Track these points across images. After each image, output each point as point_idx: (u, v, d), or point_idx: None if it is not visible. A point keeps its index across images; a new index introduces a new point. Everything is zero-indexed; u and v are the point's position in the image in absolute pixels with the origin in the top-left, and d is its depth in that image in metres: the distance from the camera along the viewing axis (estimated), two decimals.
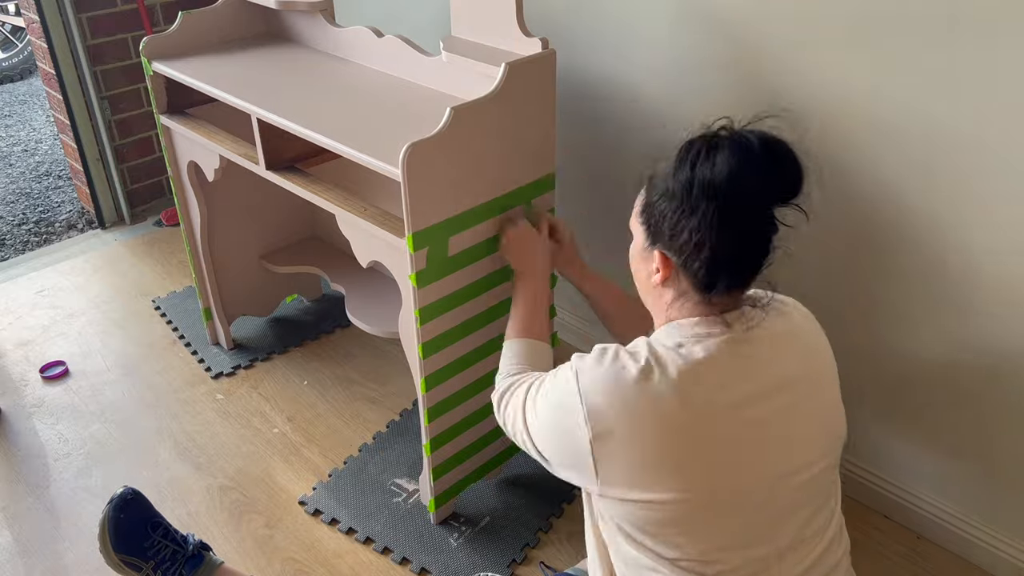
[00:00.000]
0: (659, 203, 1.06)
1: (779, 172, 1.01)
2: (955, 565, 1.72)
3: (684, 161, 1.03)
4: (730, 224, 1.01)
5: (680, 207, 1.03)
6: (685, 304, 1.09)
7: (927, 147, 1.47)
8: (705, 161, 1.01)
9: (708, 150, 1.02)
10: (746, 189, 1.00)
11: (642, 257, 1.12)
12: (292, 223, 2.40)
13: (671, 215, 1.04)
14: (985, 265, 1.49)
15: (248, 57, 2.03)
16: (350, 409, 2.16)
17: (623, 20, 1.84)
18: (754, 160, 1.00)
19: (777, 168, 1.01)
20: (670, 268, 1.07)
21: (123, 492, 1.63)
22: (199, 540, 1.66)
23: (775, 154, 1.01)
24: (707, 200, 1.00)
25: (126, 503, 1.61)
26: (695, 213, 1.01)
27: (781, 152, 1.02)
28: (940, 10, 1.37)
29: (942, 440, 1.68)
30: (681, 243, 1.04)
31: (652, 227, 1.08)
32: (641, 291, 1.16)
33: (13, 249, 3.00)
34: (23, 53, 4.83)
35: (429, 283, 1.52)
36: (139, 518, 1.62)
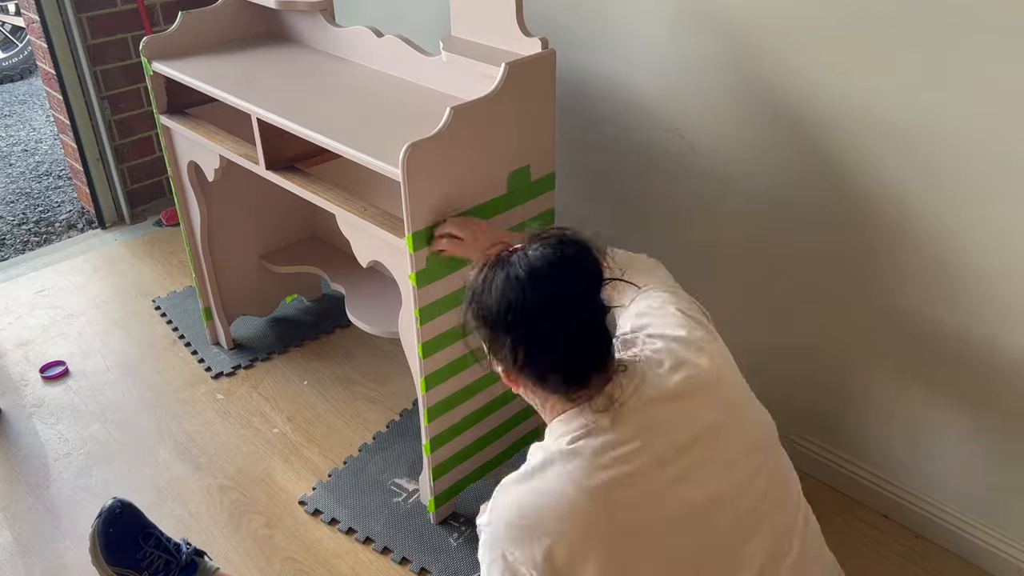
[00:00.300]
0: (475, 325, 1.09)
1: (556, 286, 1.03)
2: (955, 565, 1.72)
3: (481, 284, 1.07)
4: (535, 340, 1.03)
5: (484, 332, 1.07)
6: (554, 403, 1.09)
7: (927, 147, 1.47)
8: (482, 292, 1.05)
9: (484, 280, 1.06)
10: (528, 310, 1.02)
11: (495, 367, 1.12)
12: (292, 223, 2.40)
13: (486, 334, 1.07)
14: (985, 265, 1.49)
15: (248, 57, 2.03)
16: (350, 409, 2.16)
17: (623, 20, 1.84)
18: (525, 284, 1.02)
19: (552, 282, 1.03)
20: (513, 377, 1.09)
21: (112, 505, 1.61)
22: (193, 547, 1.65)
23: (545, 272, 1.03)
24: (497, 329, 1.04)
25: (114, 516, 1.60)
26: (498, 339, 1.05)
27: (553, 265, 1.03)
28: (941, 10, 1.37)
29: (941, 440, 1.68)
30: (506, 356, 1.06)
31: (484, 343, 1.10)
32: None
33: (13, 249, 3.00)
34: (23, 53, 4.83)
35: (429, 283, 1.52)
36: (130, 530, 1.60)
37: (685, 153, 1.85)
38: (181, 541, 1.67)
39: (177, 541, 1.66)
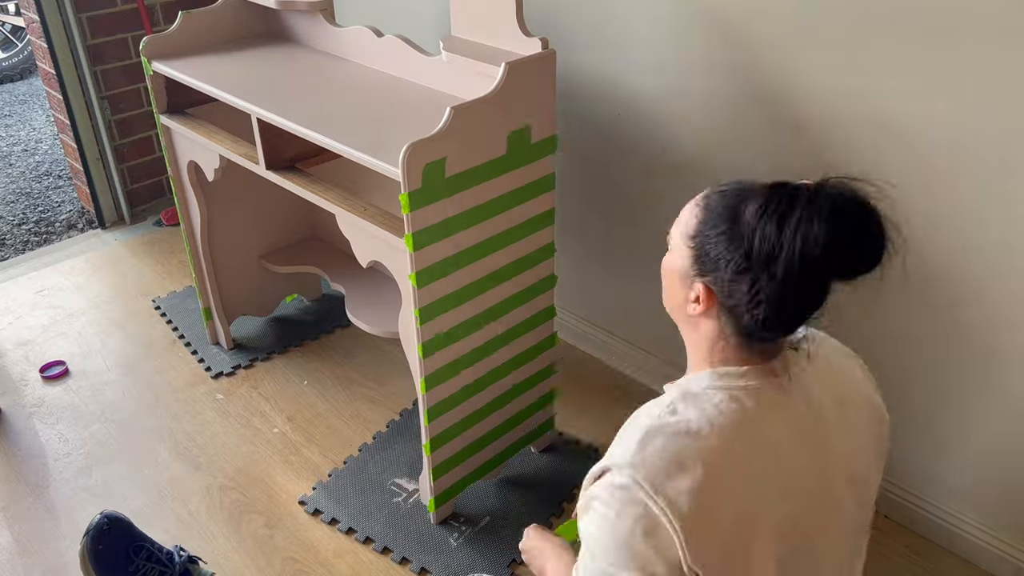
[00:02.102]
0: (719, 239, 0.96)
1: (872, 249, 0.92)
2: (955, 565, 1.72)
3: (769, 212, 0.92)
4: (801, 293, 0.93)
5: (749, 257, 0.93)
6: (726, 346, 1.01)
7: (927, 147, 1.47)
8: (798, 223, 0.90)
9: (803, 209, 0.90)
10: (834, 264, 0.91)
11: (680, 280, 1.03)
12: (292, 223, 2.40)
13: (734, 259, 0.94)
14: (984, 264, 1.49)
15: (248, 57, 2.03)
16: (350, 409, 2.16)
17: (623, 20, 1.84)
18: (852, 233, 0.90)
19: (872, 245, 0.92)
20: (713, 304, 0.99)
21: (99, 522, 1.59)
22: (187, 555, 1.64)
23: (873, 228, 0.92)
24: (786, 266, 0.90)
25: (102, 532, 1.58)
26: (764, 271, 0.92)
27: (879, 227, 0.92)
28: (941, 10, 1.37)
29: (942, 440, 1.68)
30: (737, 291, 0.95)
31: (703, 257, 0.98)
32: (671, 307, 1.08)
33: (13, 249, 3.00)
34: (23, 53, 4.83)
35: (429, 283, 1.52)
36: (120, 544, 1.58)
37: (684, 152, 1.85)
38: (174, 549, 1.65)
39: (170, 549, 1.64)
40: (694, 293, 1.01)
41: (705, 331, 1.03)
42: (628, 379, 2.23)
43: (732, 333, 1.00)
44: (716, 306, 0.99)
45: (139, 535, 1.63)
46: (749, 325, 0.98)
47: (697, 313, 1.01)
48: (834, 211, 0.89)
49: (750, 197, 0.96)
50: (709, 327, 1.02)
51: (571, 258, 2.21)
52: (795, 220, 0.90)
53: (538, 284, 1.75)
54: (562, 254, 2.10)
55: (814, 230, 0.89)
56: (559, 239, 2.02)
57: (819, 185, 0.92)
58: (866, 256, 0.92)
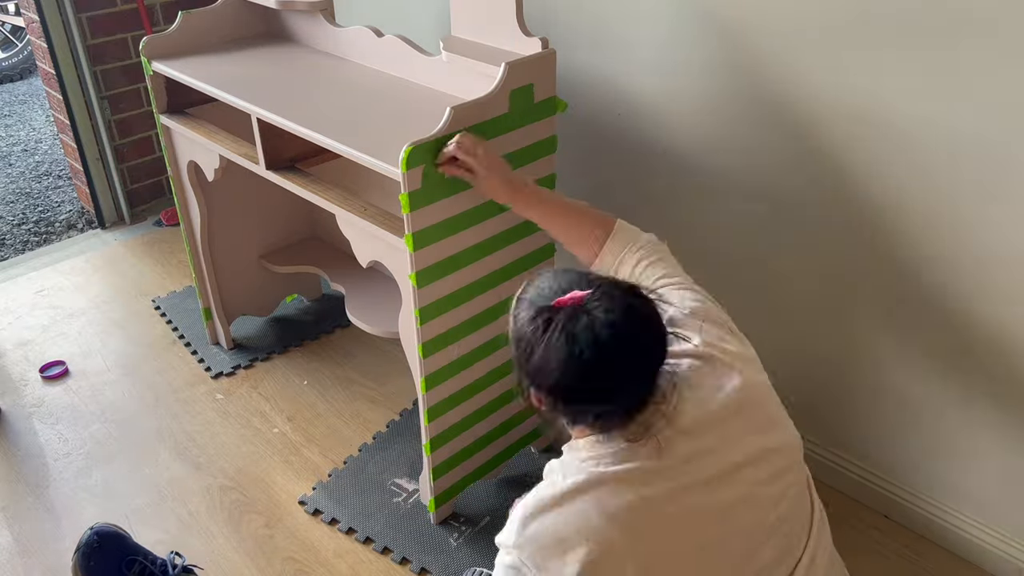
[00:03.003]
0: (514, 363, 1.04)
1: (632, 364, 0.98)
2: (955, 565, 1.72)
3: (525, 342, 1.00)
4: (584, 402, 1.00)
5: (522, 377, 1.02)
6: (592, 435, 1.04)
7: (927, 147, 1.47)
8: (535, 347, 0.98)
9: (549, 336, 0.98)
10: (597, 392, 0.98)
11: None
12: (292, 223, 2.40)
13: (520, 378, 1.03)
14: (984, 264, 1.49)
15: (248, 57, 2.03)
16: (350, 409, 2.16)
17: (623, 20, 1.84)
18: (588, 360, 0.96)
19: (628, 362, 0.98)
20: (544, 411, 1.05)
21: (88, 538, 1.57)
22: (182, 564, 1.63)
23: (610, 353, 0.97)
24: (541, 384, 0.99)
25: (92, 550, 1.56)
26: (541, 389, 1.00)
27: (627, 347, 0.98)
28: (941, 10, 1.37)
29: (941, 439, 1.68)
30: (551, 408, 1.02)
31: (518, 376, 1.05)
32: None
33: (13, 249, 3.00)
34: (23, 53, 4.83)
35: (429, 283, 1.52)
36: (111, 560, 1.56)
37: (685, 153, 1.85)
38: (167, 558, 1.64)
39: (163, 559, 1.63)
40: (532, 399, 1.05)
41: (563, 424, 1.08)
42: None
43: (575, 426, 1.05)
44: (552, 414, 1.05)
45: (131, 548, 1.60)
46: (590, 430, 1.03)
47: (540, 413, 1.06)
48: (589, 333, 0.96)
49: None
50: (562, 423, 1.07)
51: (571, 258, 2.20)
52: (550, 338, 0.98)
53: None
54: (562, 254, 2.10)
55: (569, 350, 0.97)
56: None
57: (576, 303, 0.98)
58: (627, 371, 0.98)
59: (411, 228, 1.45)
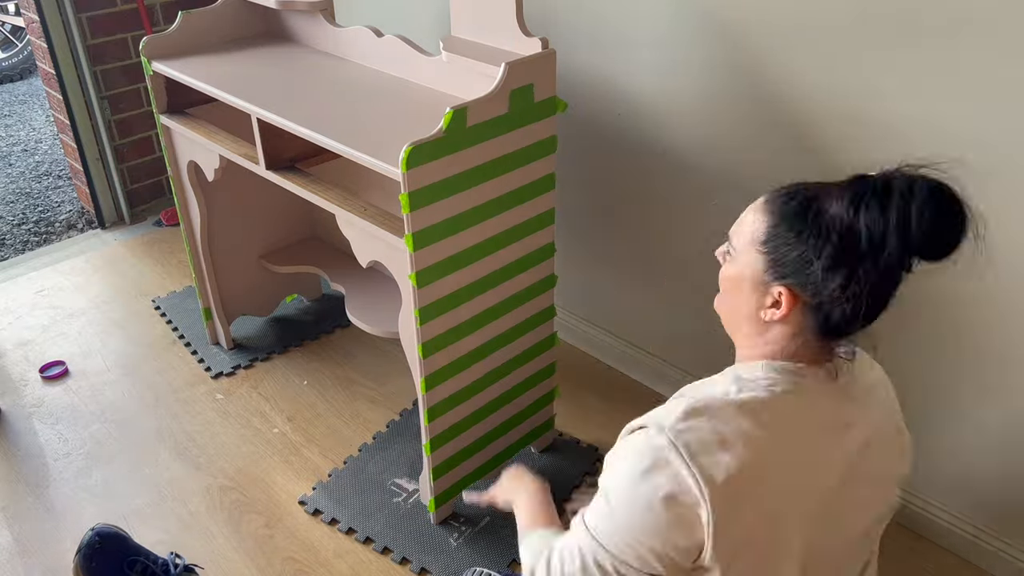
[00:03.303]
0: (801, 239, 0.96)
1: (960, 232, 0.92)
2: (955, 565, 1.72)
3: (864, 203, 0.92)
4: (894, 278, 0.94)
5: (843, 253, 0.93)
6: (791, 345, 1.01)
7: (928, 147, 1.47)
8: (898, 211, 0.90)
9: (901, 198, 0.90)
10: (932, 246, 0.92)
11: (753, 287, 1.01)
12: (292, 223, 2.40)
13: (827, 258, 0.93)
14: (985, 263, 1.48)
15: (248, 57, 2.03)
16: (350, 409, 2.16)
17: (623, 20, 1.84)
18: (951, 221, 0.91)
19: (961, 228, 0.92)
20: (794, 306, 0.98)
21: (90, 539, 1.56)
22: (183, 564, 1.63)
23: (963, 216, 0.92)
24: (887, 257, 0.91)
25: (94, 551, 1.55)
26: (869, 261, 0.92)
27: (965, 211, 0.92)
28: (940, 10, 1.37)
29: (942, 440, 1.68)
30: (827, 287, 0.94)
31: (781, 262, 0.97)
32: (735, 316, 1.06)
33: (13, 249, 3.00)
34: (23, 53, 4.83)
35: (429, 283, 1.52)
36: (112, 561, 1.56)
37: (685, 153, 1.85)
38: (168, 558, 1.64)
39: (165, 559, 1.63)
40: (771, 298, 0.99)
41: (776, 334, 1.02)
42: (628, 379, 2.23)
43: (813, 333, 0.99)
44: (797, 308, 0.98)
45: (132, 548, 1.60)
46: (837, 321, 0.97)
47: (775, 318, 1.00)
48: (929, 193, 0.90)
49: (826, 195, 0.96)
50: (782, 330, 1.01)
51: (571, 258, 2.21)
52: (894, 206, 0.90)
53: (538, 284, 1.75)
54: (562, 254, 2.10)
55: (918, 216, 0.89)
56: (559, 239, 2.02)
57: (902, 173, 0.93)
58: (956, 239, 0.92)
59: (411, 228, 1.45)
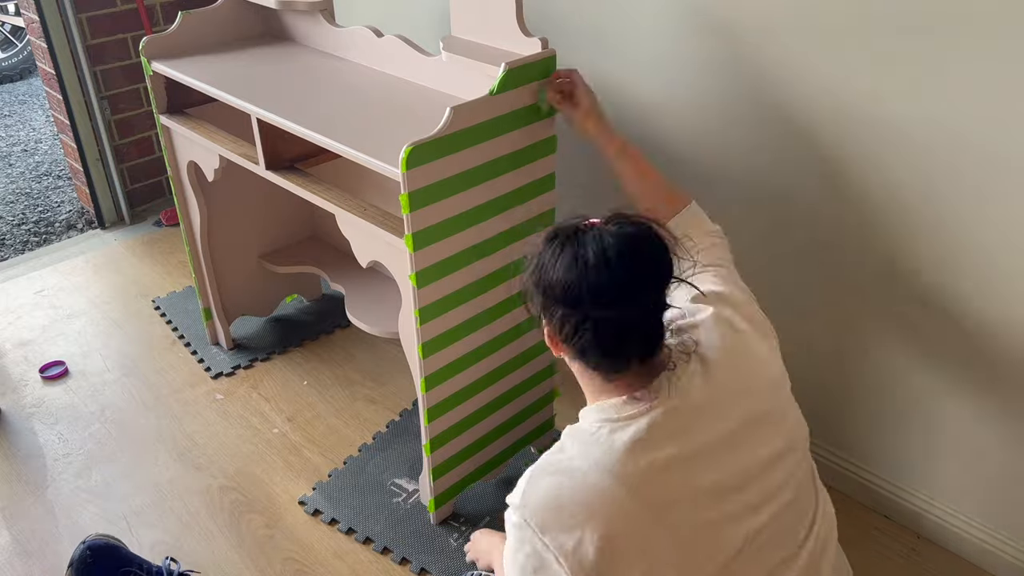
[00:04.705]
0: (528, 288, 1.07)
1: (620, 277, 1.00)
2: (955, 565, 1.72)
3: (538, 260, 1.04)
4: (584, 321, 1.01)
5: (539, 299, 1.05)
6: (594, 380, 1.07)
7: (927, 147, 1.47)
8: (548, 262, 1.02)
9: (553, 250, 1.03)
10: (587, 293, 1.00)
11: None
12: (292, 223, 2.40)
13: (537, 304, 1.06)
14: (984, 263, 1.49)
15: (248, 57, 2.03)
16: (350, 409, 2.16)
17: (623, 20, 1.84)
18: (590, 268, 1.00)
19: (617, 274, 1.00)
20: (556, 346, 1.08)
21: (81, 553, 1.55)
22: (178, 570, 1.62)
23: (614, 262, 1.00)
24: (550, 300, 1.02)
25: (86, 566, 1.54)
26: (550, 308, 1.03)
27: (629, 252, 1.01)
28: (941, 7, 1.37)
29: (942, 440, 1.68)
30: (553, 330, 1.05)
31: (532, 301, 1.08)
32: None
33: (13, 249, 3.00)
34: (23, 53, 4.83)
35: (429, 283, 1.52)
36: (106, 574, 1.55)
37: (685, 153, 1.85)
38: (163, 565, 1.63)
39: (159, 566, 1.62)
40: (547, 338, 1.09)
41: (574, 369, 1.10)
42: None
43: (581, 365, 1.07)
44: (560, 344, 1.07)
45: (126, 558, 1.59)
46: (591, 363, 1.05)
47: (556, 354, 1.09)
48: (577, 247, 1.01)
49: None
50: (573, 367, 1.09)
51: None
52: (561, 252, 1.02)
53: None
54: None
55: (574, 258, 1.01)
56: None
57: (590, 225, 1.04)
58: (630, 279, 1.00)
59: (411, 228, 1.45)
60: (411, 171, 1.39)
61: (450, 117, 1.41)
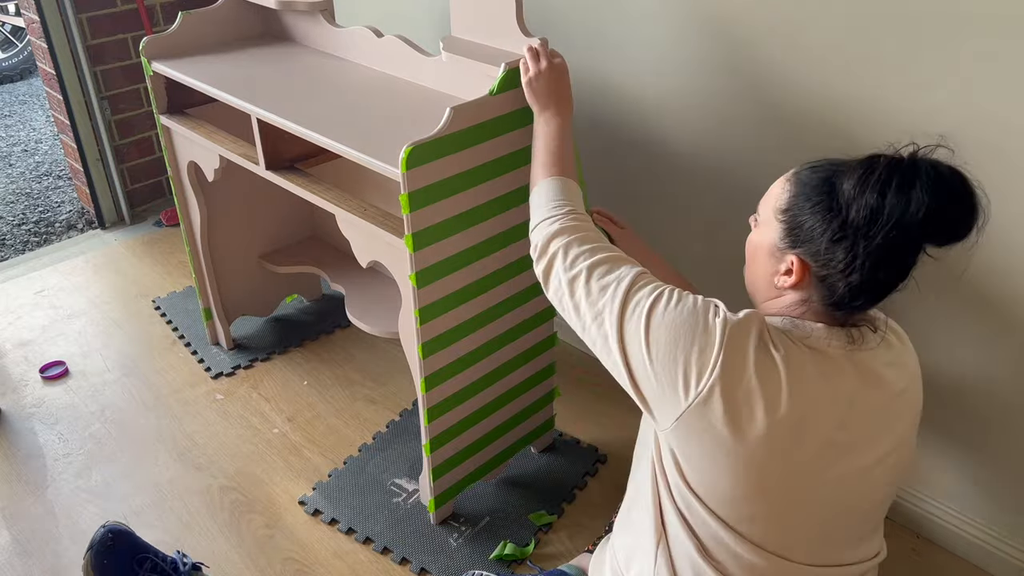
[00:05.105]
0: (815, 211, 1.01)
1: (968, 218, 0.96)
2: (955, 565, 1.72)
3: (871, 182, 0.96)
4: (896, 260, 0.97)
5: (849, 226, 0.97)
6: (806, 311, 1.05)
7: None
8: (898, 191, 0.94)
9: (903, 178, 0.94)
10: (933, 231, 0.95)
11: (770, 253, 1.07)
12: (292, 223, 2.40)
13: (832, 229, 0.98)
14: (986, 265, 1.49)
15: (248, 57, 2.03)
16: (350, 409, 2.16)
17: (623, 20, 1.84)
18: (951, 201, 0.94)
19: (968, 214, 0.96)
20: (805, 275, 1.03)
21: (103, 536, 1.56)
22: (190, 562, 1.63)
23: (969, 197, 0.95)
24: (887, 233, 0.95)
25: (106, 548, 1.55)
26: (863, 238, 0.96)
27: (973, 196, 0.96)
28: (943, 10, 1.37)
29: (942, 440, 1.68)
30: (832, 259, 0.99)
31: (796, 230, 1.03)
32: (755, 285, 1.12)
33: (13, 249, 3.00)
34: (23, 53, 4.83)
35: (429, 283, 1.52)
36: (124, 558, 1.56)
37: (685, 152, 1.85)
38: (176, 556, 1.64)
39: (172, 556, 1.63)
40: (785, 265, 1.05)
41: (788, 300, 1.06)
42: None
43: (820, 303, 1.04)
44: (808, 277, 1.03)
45: (142, 545, 1.60)
46: (842, 294, 1.01)
47: (787, 285, 1.05)
48: (934, 179, 0.94)
49: (844, 171, 1.00)
50: (794, 299, 1.06)
51: None
52: (895, 187, 0.94)
53: (538, 284, 1.74)
54: None
55: (916, 196, 0.93)
56: None
57: (913, 156, 0.97)
58: (960, 223, 0.96)
59: (411, 228, 1.45)
60: (411, 171, 1.39)
61: (450, 117, 1.41)
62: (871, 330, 1.07)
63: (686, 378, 1.00)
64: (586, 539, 1.77)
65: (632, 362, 1.05)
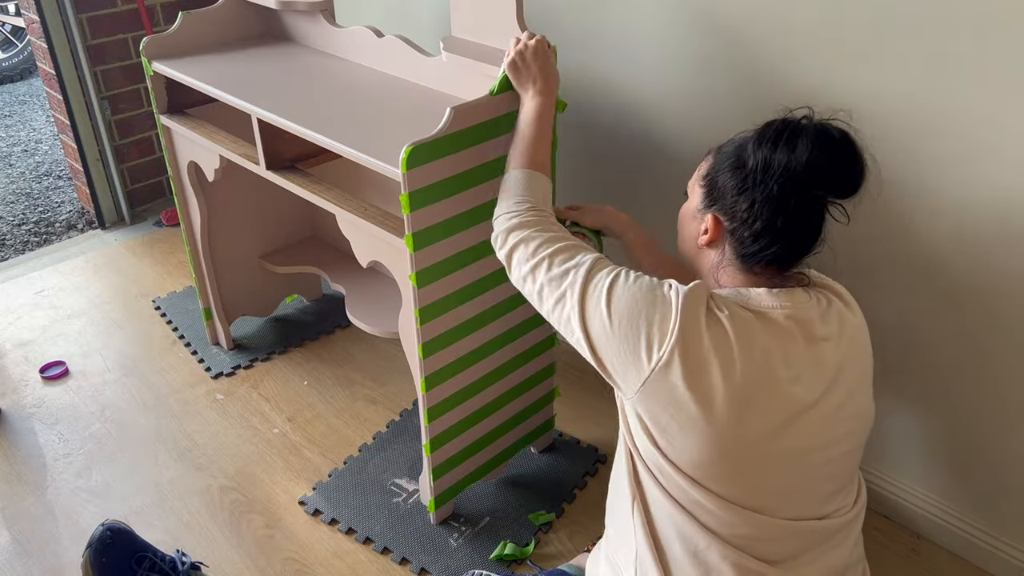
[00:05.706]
0: (725, 171, 1.13)
1: (850, 169, 1.07)
2: (955, 565, 1.72)
3: (765, 139, 1.09)
4: (788, 206, 1.07)
5: (748, 179, 1.09)
6: (727, 270, 1.15)
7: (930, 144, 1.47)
8: (786, 144, 1.07)
9: (791, 134, 1.07)
10: (817, 179, 1.06)
11: (693, 217, 1.19)
12: (292, 223, 2.40)
13: (736, 183, 1.11)
14: (983, 261, 1.49)
15: (248, 57, 2.03)
16: (350, 409, 2.16)
17: (623, 20, 1.84)
18: (832, 153, 1.06)
19: (849, 165, 1.07)
20: (720, 231, 1.14)
21: (101, 534, 1.56)
22: (189, 561, 1.63)
23: (851, 151, 1.07)
24: (777, 180, 1.06)
25: (106, 546, 1.55)
26: (759, 187, 1.08)
27: (856, 151, 1.08)
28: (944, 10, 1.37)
29: (942, 440, 1.68)
30: (737, 211, 1.10)
31: (712, 192, 1.15)
32: (684, 249, 1.24)
33: (13, 249, 3.00)
34: (23, 53, 4.83)
35: (429, 283, 1.52)
36: (123, 557, 1.56)
37: (684, 152, 1.85)
38: (175, 555, 1.64)
39: (171, 556, 1.63)
40: (703, 226, 1.16)
41: (711, 260, 1.17)
42: None
43: (733, 255, 1.13)
44: (721, 233, 1.14)
45: (141, 544, 1.60)
46: (747, 244, 1.11)
47: (705, 243, 1.16)
48: (819, 133, 1.06)
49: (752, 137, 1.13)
50: (714, 257, 1.16)
51: None
52: (784, 140, 1.07)
53: None
54: None
55: (801, 146, 1.06)
56: None
57: (805, 117, 1.10)
58: (845, 174, 1.08)
59: (411, 228, 1.45)
60: (411, 171, 1.39)
61: (450, 117, 1.41)
62: (804, 289, 1.14)
63: (648, 344, 1.07)
64: (586, 539, 1.77)
65: (594, 337, 1.13)
